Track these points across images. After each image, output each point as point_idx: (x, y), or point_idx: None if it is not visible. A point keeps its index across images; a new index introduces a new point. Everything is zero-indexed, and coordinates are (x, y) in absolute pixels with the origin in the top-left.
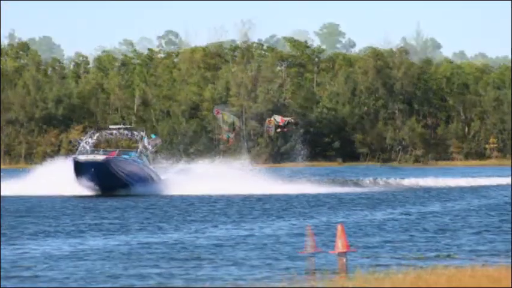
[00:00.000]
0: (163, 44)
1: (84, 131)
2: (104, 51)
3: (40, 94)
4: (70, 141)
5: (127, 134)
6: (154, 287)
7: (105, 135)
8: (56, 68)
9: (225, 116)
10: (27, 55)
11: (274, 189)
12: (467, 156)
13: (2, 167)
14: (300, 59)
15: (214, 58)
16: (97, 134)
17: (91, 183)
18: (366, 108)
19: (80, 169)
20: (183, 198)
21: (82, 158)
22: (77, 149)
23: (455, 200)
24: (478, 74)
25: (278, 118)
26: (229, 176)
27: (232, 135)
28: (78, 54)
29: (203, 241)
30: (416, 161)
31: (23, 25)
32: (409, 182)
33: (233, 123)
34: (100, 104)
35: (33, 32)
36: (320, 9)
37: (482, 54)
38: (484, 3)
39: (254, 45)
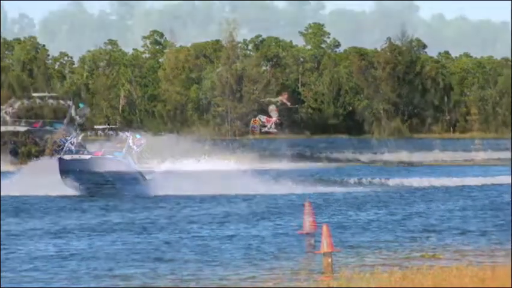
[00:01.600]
0: (148, 44)
1: (69, 131)
2: (89, 51)
3: (25, 94)
4: (55, 141)
5: (112, 134)
6: (139, 287)
7: (90, 135)
8: (41, 67)
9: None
10: (12, 55)
11: (260, 189)
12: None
13: None
14: (285, 59)
15: (199, 58)
16: (82, 134)
17: (76, 183)
18: (351, 108)
19: (66, 168)
20: (168, 198)
21: (68, 157)
22: (62, 149)
23: (440, 200)
24: (463, 74)
25: (263, 118)
26: (214, 176)
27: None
28: (63, 54)
29: (188, 241)
30: (401, 162)
31: (8, 24)
32: (394, 182)
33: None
34: (85, 104)
35: (18, 31)
36: (304, 8)
37: (466, 54)
38: (470, 2)
39: (239, 45)
